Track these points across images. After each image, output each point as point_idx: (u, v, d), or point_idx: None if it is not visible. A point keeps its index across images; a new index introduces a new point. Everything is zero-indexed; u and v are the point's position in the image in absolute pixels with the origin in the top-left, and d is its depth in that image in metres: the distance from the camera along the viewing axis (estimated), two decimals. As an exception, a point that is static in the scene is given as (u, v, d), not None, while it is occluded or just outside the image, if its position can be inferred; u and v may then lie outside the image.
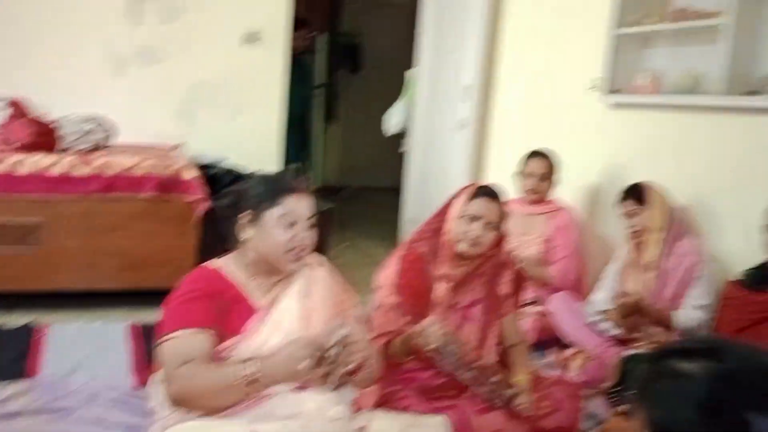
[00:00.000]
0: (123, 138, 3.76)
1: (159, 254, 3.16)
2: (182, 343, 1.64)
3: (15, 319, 2.92)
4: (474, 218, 2.15)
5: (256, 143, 4.36)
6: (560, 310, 2.99)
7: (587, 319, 2.89)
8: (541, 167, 3.32)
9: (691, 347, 0.88)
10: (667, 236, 2.75)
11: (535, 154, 3.37)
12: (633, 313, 2.67)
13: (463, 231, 2.14)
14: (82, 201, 3.03)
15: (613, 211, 2.99)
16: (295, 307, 1.79)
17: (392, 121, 5.50)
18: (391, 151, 5.54)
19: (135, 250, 3.13)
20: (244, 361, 1.61)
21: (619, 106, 3.35)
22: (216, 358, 1.67)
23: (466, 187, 2.23)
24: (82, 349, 2.66)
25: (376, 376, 1.92)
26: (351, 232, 5.51)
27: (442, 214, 2.23)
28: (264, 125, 4.47)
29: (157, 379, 1.82)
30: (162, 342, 1.67)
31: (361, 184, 7.61)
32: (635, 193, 2.82)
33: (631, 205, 2.82)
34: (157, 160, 3.20)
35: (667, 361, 0.88)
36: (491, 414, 2.06)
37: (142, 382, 2.40)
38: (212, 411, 1.60)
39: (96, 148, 3.36)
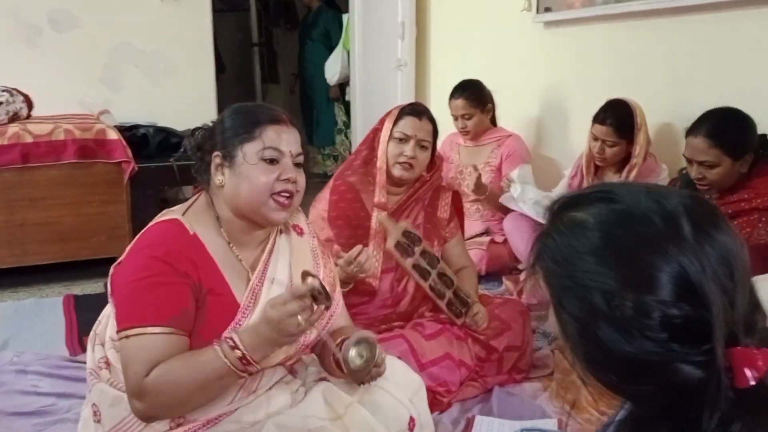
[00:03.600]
0: (45, 110, 3.55)
1: (89, 222, 3.00)
2: (151, 344, 1.29)
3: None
4: (404, 138, 2.05)
5: (189, 104, 4.16)
6: (514, 229, 2.90)
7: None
8: (461, 107, 3.15)
9: (582, 195, 0.79)
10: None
11: (455, 94, 3.18)
12: None
13: (395, 154, 2.05)
14: (0, 173, 2.85)
15: (558, 132, 2.91)
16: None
17: (333, 69, 5.34)
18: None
19: (63, 219, 2.97)
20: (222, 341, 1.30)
21: (552, 24, 3.26)
22: None
23: (391, 110, 2.12)
24: (14, 325, 2.55)
25: None
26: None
27: (369, 141, 2.12)
28: (196, 85, 4.28)
29: (92, 341, 1.57)
30: (125, 336, 1.31)
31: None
32: (620, 122, 2.54)
33: (611, 134, 2.56)
34: (76, 124, 3.02)
35: (559, 215, 0.78)
36: (440, 338, 2.01)
37: (76, 352, 2.31)
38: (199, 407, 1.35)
39: (13, 120, 3.17)
